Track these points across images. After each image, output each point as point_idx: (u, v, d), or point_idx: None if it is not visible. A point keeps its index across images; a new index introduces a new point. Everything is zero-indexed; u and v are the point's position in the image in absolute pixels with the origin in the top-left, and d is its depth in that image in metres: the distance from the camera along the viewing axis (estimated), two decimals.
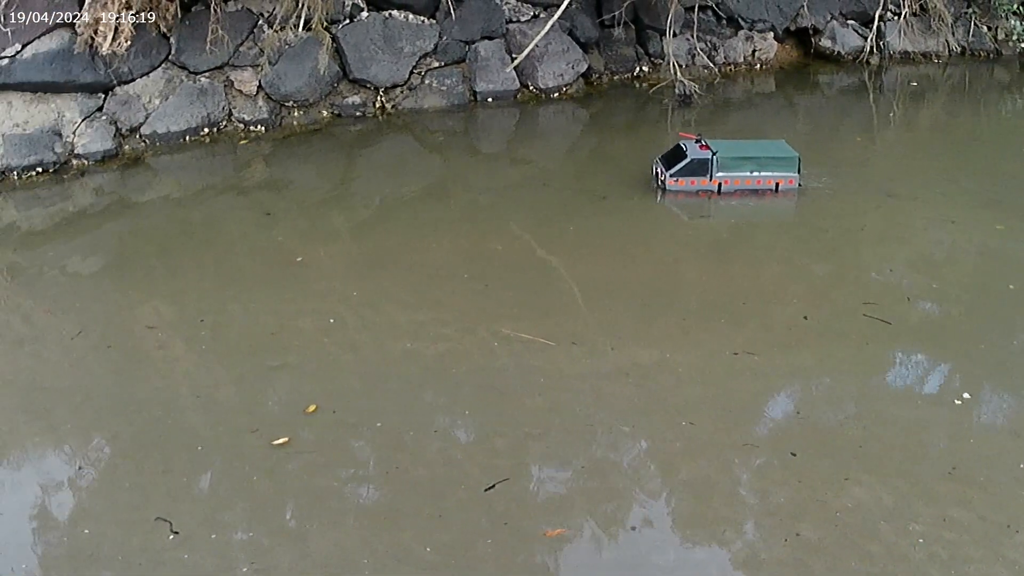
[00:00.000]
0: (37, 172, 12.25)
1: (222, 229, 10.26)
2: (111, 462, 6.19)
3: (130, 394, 6.88)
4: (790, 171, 10.07)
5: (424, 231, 9.61)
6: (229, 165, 12.66)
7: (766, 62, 15.17)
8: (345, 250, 9.42)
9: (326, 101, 13.46)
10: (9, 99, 12.39)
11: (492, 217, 10.04)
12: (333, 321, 7.73)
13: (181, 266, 9.11)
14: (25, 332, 7.97)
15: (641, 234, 9.53)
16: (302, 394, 6.70)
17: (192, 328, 7.82)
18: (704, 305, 7.84)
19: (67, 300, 8.52)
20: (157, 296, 8.45)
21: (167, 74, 13.05)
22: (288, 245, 9.40)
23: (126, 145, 12.80)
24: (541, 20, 14.04)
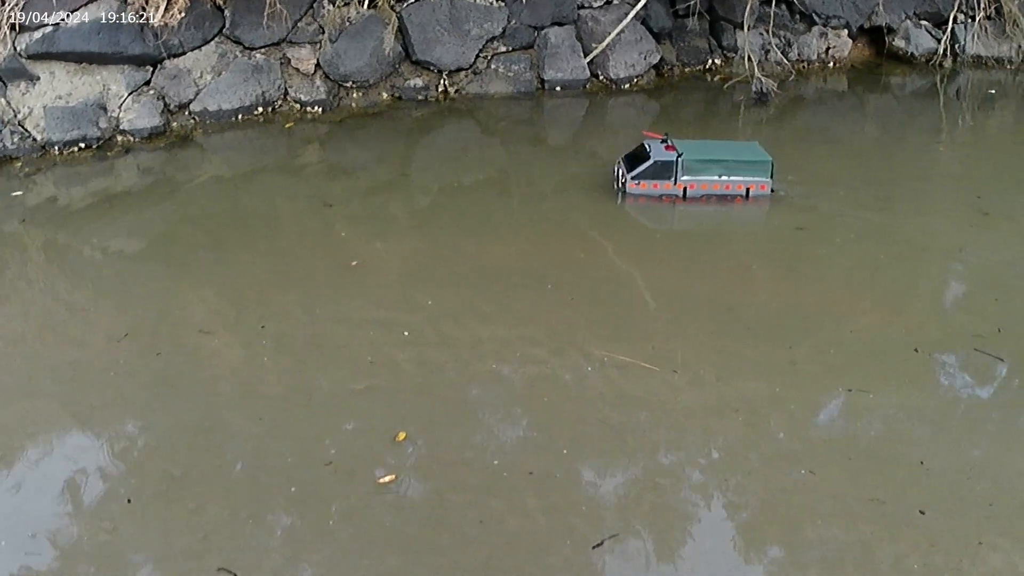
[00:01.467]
0: (80, 148, 10.71)
1: (277, 219, 9.02)
2: (164, 498, 5.12)
3: (184, 414, 5.84)
4: (762, 176, 8.69)
5: (496, 231, 8.46)
6: (283, 147, 11.16)
7: (839, 60, 13.60)
8: (410, 249, 8.14)
9: (387, 83, 11.87)
10: (52, 69, 10.82)
11: (568, 219, 8.71)
12: (408, 334, 6.58)
13: (233, 259, 8.00)
14: (67, 331, 6.91)
15: (726, 243, 8.27)
16: (382, 420, 5.68)
17: (251, 335, 6.67)
18: (808, 332, 6.67)
19: (110, 291, 7.48)
20: (209, 293, 7.40)
21: (220, 49, 11.43)
22: (350, 240, 8.30)
23: (174, 122, 11.25)
24: (613, 7, 12.42)
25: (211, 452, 5.44)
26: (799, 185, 9.19)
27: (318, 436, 5.53)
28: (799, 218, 8.52)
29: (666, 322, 6.72)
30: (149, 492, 5.14)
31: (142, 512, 5.01)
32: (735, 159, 8.69)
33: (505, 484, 5.16)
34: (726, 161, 8.67)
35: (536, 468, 5.27)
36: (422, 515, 4.94)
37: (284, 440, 5.51)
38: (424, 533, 4.85)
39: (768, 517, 4.95)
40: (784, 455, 5.42)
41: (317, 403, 5.85)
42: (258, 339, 6.57)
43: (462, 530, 4.86)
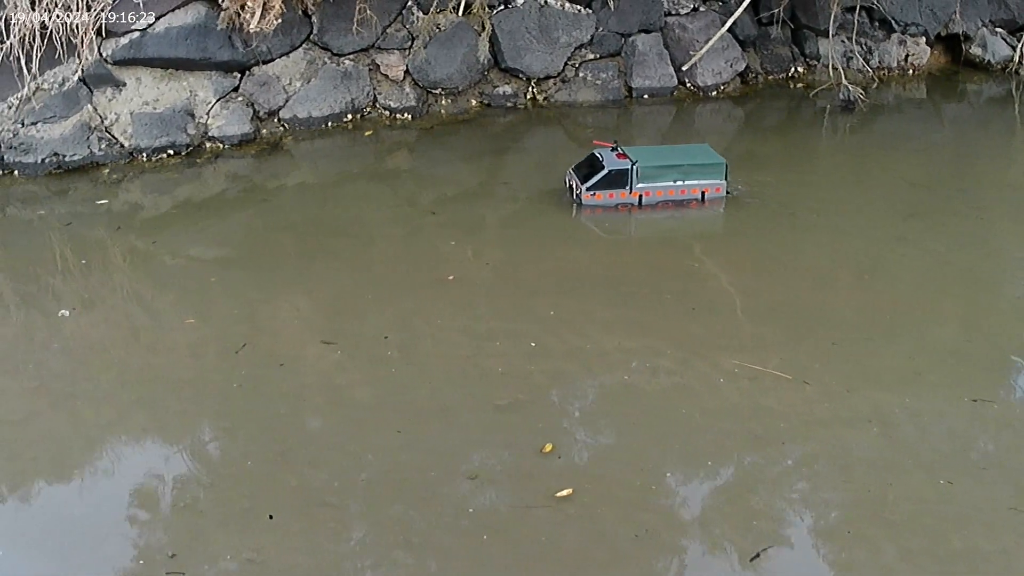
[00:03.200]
0: (168, 154, 9.66)
1: (368, 227, 8.26)
2: (307, 514, 4.67)
3: (318, 426, 5.42)
4: (716, 178, 8.10)
5: (597, 240, 7.89)
6: (372, 154, 10.18)
7: (918, 68, 12.50)
8: (518, 257, 7.55)
9: (475, 90, 10.83)
10: (139, 75, 9.84)
11: (669, 226, 8.15)
12: (535, 345, 6.06)
13: (329, 267, 7.36)
14: (180, 343, 6.35)
15: (842, 251, 7.62)
16: (522, 432, 5.23)
17: (376, 346, 6.13)
18: (926, 342, 6.27)
19: (211, 300, 6.89)
20: (315, 303, 6.86)
21: (308, 55, 10.41)
22: (459, 249, 7.69)
23: (263, 129, 10.19)
24: (700, 14, 11.36)
25: (351, 466, 4.97)
26: (890, 192, 8.58)
27: (459, 449, 5.09)
28: (900, 227, 7.93)
29: (783, 331, 6.31)
30: (291, 508, 4.70)
31: (285, 528, 4.57)
32: (689, 163, 8.05)
33: (654, 497, 4.83)
34: (681, 166, 8.03)
35: (683, 480, 4.94)
36: (575, 530, 4.54)
37: (424, 453, 5.05)
38: (579, 548, 4.47)
39: (914, 527, 4.65)
40: (921, 465, 5.10)
41: (453, 415, 5.37)
42: (383, 350, 6.03)
43: (617, 545, 4.50)
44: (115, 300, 7.46)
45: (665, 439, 5.21)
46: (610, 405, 5.53)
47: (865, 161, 8.85)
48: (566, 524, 4.55)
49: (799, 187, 8.99)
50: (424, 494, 4.73)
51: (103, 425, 5.48)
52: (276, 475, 4.92)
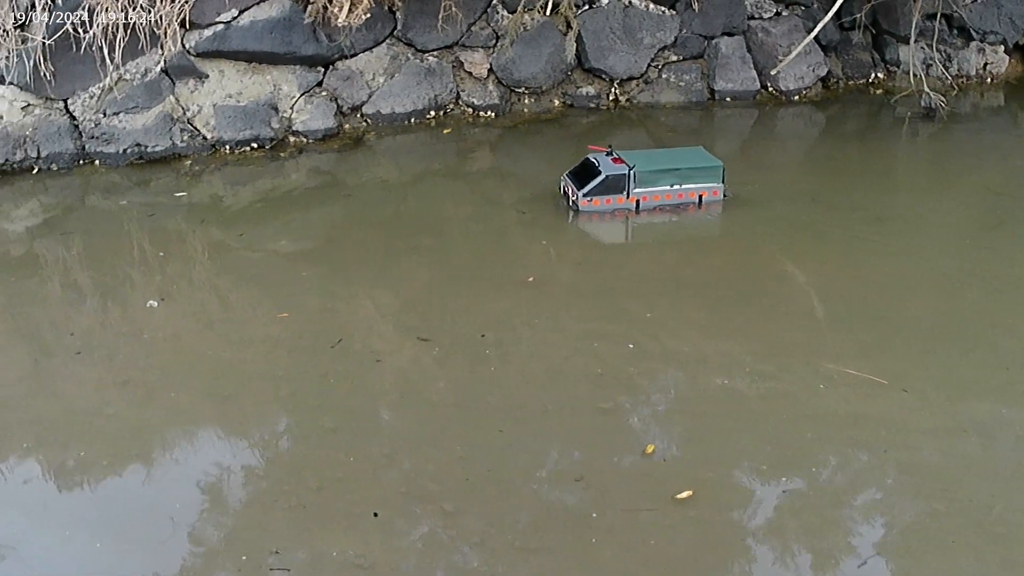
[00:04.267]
0: (252, 147, 9.15)
1: (460, 225, 7.76)
2: (412, 513, 4.38)
3: (418, 424, 5.05)
4: (714, 181, 7.59)
5: (684, 242, 7.36)
6: (454, 152, 9.63)
7: (996, 76, 11.88)
8: (605, 257, 7.16)
9: (558, 89, 10.26)
10: (222, 67, 9.32)
11: (758, 231, 7.45)
12: (633, 347, 5.69)
13: (424, 264, 6.95)
14: (274, 336, 6.01)
15: (929, 259, 7.08)
16: (623, 434, 4.92)
17: (473, 344, 5.75)
18: (1020, 352, 5.75)
19: (296, 294, 6.52)
20: (412, 299, 6.45)
21: (392, 51, 9.87)
22: (546, 248, 7.24)
23: (346, 124, 9.65)
24: (783, 18, 10.76)
25: (454, 464, 4.61)
26: (974, 200, 8.09)
27: (563, 450, 4.77)
28: (987, 237, 7.42)
29: (878, 337, 5.85)
30: (395, 506, 4.38)
31: (391, 527, 4.28)
32: (686, 167, 7.51)
33: (760, 503, 4.48)
34: (678, 169, 7.49)
35: (788, 487, 4.58)
36: (685, 535, 4.22)
37: (529, 454, 4.71)
38: (690, 554, 4.17)
39: (1021, 538, 4.30)
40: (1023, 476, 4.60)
41: (555, 416, 5.00)
42: (481, 348, 5.65)
43: (726, 551, 4.20)
44: (203, 292, 7.00)
45: (767, 444, 4.85)
46: (711, 409, 5.14)
47: (946, 169, 8.39)
48: (675, 528, 4.24)
49: (881, 193, 8.40)
50: (530, 496, 4.40)
51: (200, 420, 5.17)
52: (379, 473, 4.59)
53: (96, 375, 5.93)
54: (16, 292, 7.17)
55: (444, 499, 4.38)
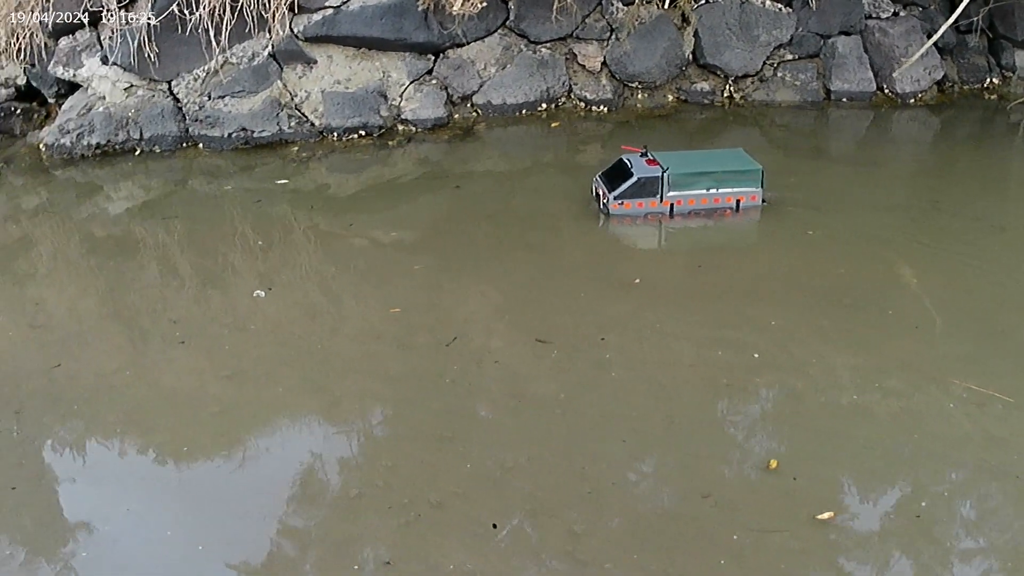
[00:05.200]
0: (360, 135, 8.57)
1: (571, 221, 7.19)
2: (534, 525, 4.00)
3: (538, 430, 4.63)
4: (752, 186, 6.94)
5: (799, 247, 6.61)
6: (564, 146, 9.02)
7: None
8: (725, 260, 6.47)
9: (672, 85, 9.62)
10: (330, 53, 8.74)
11: (878, 237, 6.78)
12: (758, 357, 5.18)
13: (536, 260, 6.47)
14: (389, 333, 5.61)
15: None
16: (749, 448, 4.47)
17: (593, 347, 5.27)
18: None
19: (416, 291, 6.06)
20: (526, 297, 5.98)
21: (504, 41, 9.28)
22: (661, 248, 6.84)
23: (456, 114, 9.03)
24: (901, 19, 10.10)
25: (576, 476, 4.21)
26: None
27: (688, 463, 4.34)
28: None
29: (1009, 356, 5.29)
30: (515, 519, 4.02)
31: (511, 540, 3.92)
32: (723, 169, 6.85)
33: (894, 528, 4.06)
34: (714, 172, 6.84)
35: (922, 512, 4.15)
36: (813, 559, 3.80)
37: (653, 466, 4.34)
38: None
39: None
40: None
41: (680, 427, 4.58)
42: (601, 352, 5.20)
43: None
44: (312, 283, 6.46)
45: (899, 466, 4.39)
46: (840, 426, 4.64)
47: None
48: (801, 553, 3.82)
49: (1003, 202, 7.77)
50: (655, 511, 4.03)
51: (308, 419, 4.81)
52: (499, 483, 4.19)
53: (200, 365, 5.44)
54: (118, 276, 6.70)
55: (566, 513, 4.00)
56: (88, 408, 5.12)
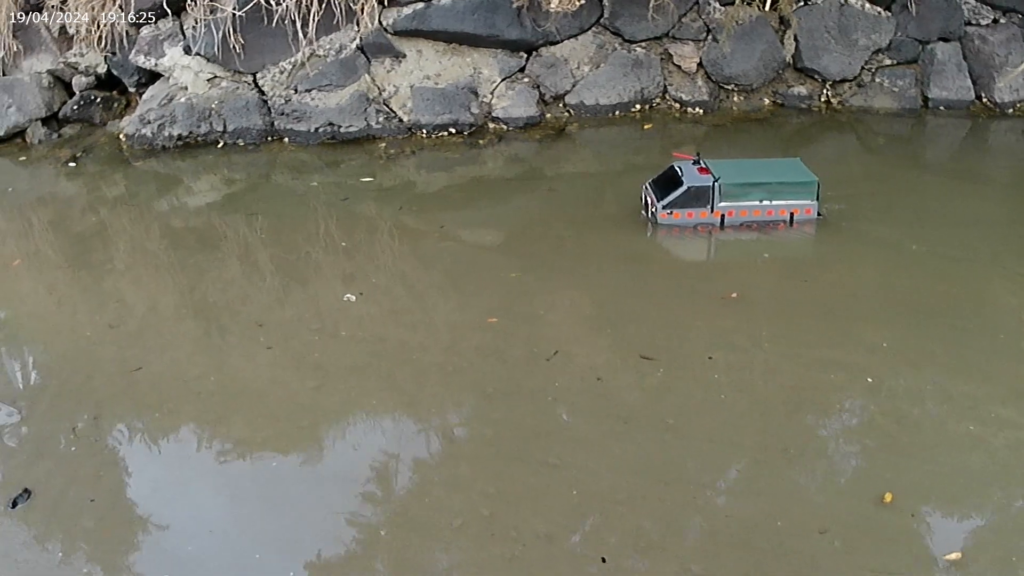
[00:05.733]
0: (450, 132, 8.16)
1: (668, 228, 6.72)
2: (645, 559, 3.65)
3: (644, 457, 4.31)
4: (807, 198, 6.49)
5: (899, 260, 6.17)
6: (657, 148, 8.55)
7: None
8: (826, 274, 6.08)
9: (769, 88, 9.18)
10: (419, 47, 8.33)
11: (989, 253, 6.33)
12: (871, 381, 4.81)
13: (633, 270, 6.16)
14: (484, 341, 5.29)
15: None
16: (863, 480, 4.09)
17: (700, 366, 4.96)
18: None
19: (513, 300, 5.76)
20: (626, 309, 5.61)
21: (597, 39, 8.85)
22: (766, 260, 6.33)
23: (548, 113, 8.62)
24: (1001, 26, 9.63)
25: (689, 508, 3.93)
26: None
27: (804, 496, 4.01)
28: None
29: None
30: (625, 554, 3.71)
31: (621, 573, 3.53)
32: (777, 181, 6.42)
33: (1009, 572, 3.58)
34: (768, 184, 6.41)
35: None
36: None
37: (768, 498, 3.96)
38: None
39: None
40: None
41: (795, 456, 4.25)
42: (708, 372, 4.87)
43: None
44: (404, 288, 6.09)
45: (1017, 501, 4.03)
46: (956, 458, 4.29)
47: None
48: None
49: None
50: (771, 547, 3.71)
51: (406, 439, 4.49)
52: (609, 513, 3.90)
53: (287, 374, 5.11)
54: (200, 274, 6.38)
55: (679, 548, 3.71)
56: (171, 416, 4.77)
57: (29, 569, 3.81)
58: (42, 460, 4.48)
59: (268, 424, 4.65)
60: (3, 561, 3.85)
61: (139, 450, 4.55)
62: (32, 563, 3.85)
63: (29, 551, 3.93)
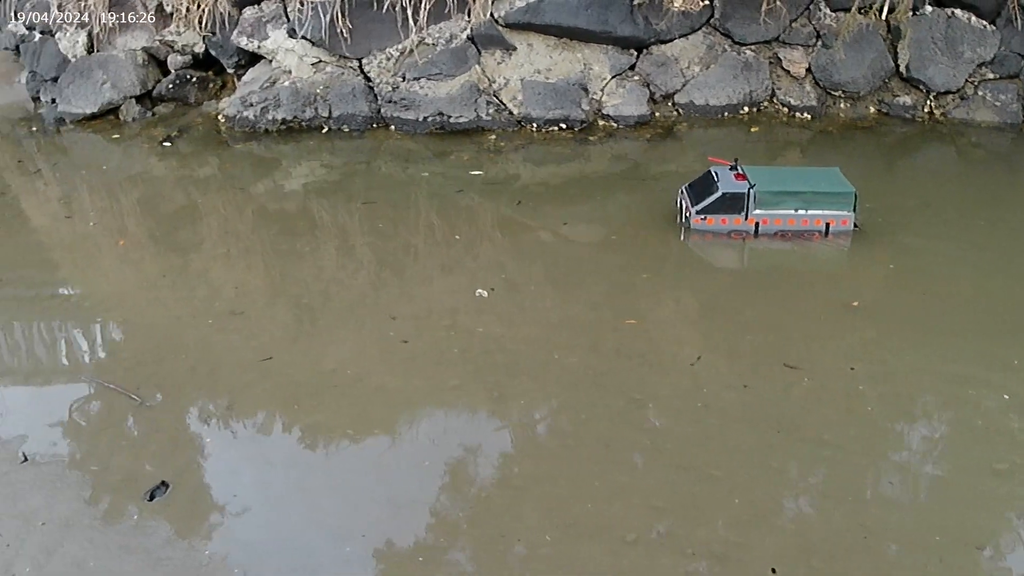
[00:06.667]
0: (560, 128, 7.92)
1: None
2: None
3: (802, 475, 4.05)
4: (844, 209, 6.25)
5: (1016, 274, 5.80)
6: (763, 151, 8.32)
7: None
8: (953, 287, 5.78)
9: (875, 96, 8.97)
10: (530, 41, 8.08)
11: None
12: (1008, 399, 4.58)
13: (742, 275, 6.00)
14: (624, 344, 5.07)
15: None
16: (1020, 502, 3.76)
17: (843, 379, 4.71)
18: None
19: (644, 300, 5.60)
20: (762, 317, 5.38)
21: (708, 40, 8.62)
22: (862, 265, 6.13)
23: (657, 112, 8.37)
24: None
25: (852, 521, 3.74)
26: None
27: (962, 512, 3.82)
28: None
29: None
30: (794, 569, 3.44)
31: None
32: (813, 190, 6.20)
33: None
34: (803, 193, 6.20)
35: None
36: None
37: (923, 520, 3.81)
38: None
39: None
40: None
41: (948, 476, 4.07)
42: (852, 383, 4.65)
43: None
44: (535, 286, 5.84)
45: None
46: None
47: None
48: None
49: None
50: (931, 562, 3.54)
51: (563, 446, 4.24)
52: (775, 527, 3.71)
53: (428, 370, 4.89)
54: (322, 262, 6.19)
55: (845, 564, 3.52)
56: (310, 409, 4.53)
57: (173, 568, 3.57)
58: (177, 452, 4.26)
59: (413, 423, 4.46)
60: (145, 558, 3.64)
61: (280, 444, 4.33)
62: (176, 562, 3.61)
63: (172, 548, 3.70)
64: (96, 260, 6.39)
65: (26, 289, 5.99)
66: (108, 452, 4.29)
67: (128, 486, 4.04)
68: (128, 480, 4.09)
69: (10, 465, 4.18)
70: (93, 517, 3.89)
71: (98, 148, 8.73)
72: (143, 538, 3.76)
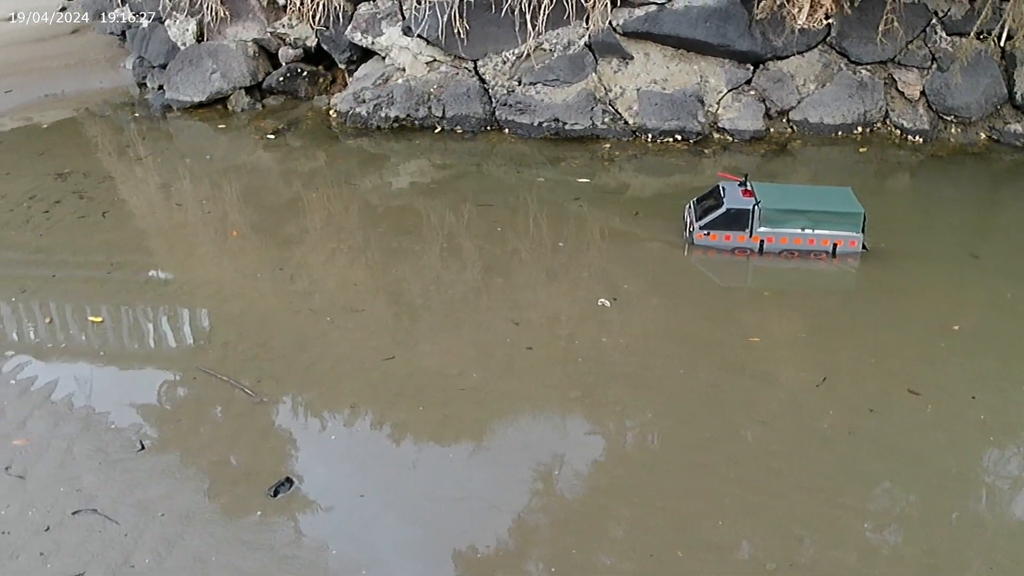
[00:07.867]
0: (675, 139, 7.68)
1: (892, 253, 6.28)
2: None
3: (928, 499, 3.92)
4: (851, 230, 6.05)
5: None
6: (874, 173, 8.22)
7: None
8: None
9: (985, 123, 8.71)
10: (647, 50, 7.86)
11: None
12: None
13: (849, 294, 5.83)
14: (752, 362, 4.97)
15: None
16: None
17: (963, 406, 4.59)
18: None
19: (771, 322, 5.34)
20: (892, 339, 5.22)
21: (824, 58, 8.38)
22: (951, 287, 5.91)
23: (771, 128, 8.13)
24: None
25: (981, 555, 3.61)
26: None
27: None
28: None
29: None
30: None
31: None
32: (821, 209, 5.97)
33: None
34: (810, 212, 5.98)
35: None
36: None
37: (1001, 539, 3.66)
38: None
39: None
40: None
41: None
42: (973, 412, 4.57)
43: None
44: (657, 299, 5.71)
45: None
46: None
47: None
48: None
49: None
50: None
51: (689, 461, 4.16)
52: (903, 553, 3.66)
53: (555, 378, 4.77)
54: (438, 263, 6.09)
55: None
56: (437, 412, 4.41)
57: (299, 567, 3.43)
58: (300, 448, 4.16)
59: (538, 433, 4.36)
60: (269, 555, 3.51)
61: (407, 447, 4.20)
62: (302, 561, 3.47)
63: (298, 547, 3.56)
64: (207, 249, 6.35)
65: (134, 273, 5.93)
66: (227, 445, 4.18)
67: (249, 480, 3.92)
68: (249, 474, 3.97)
69: (126, 452, 3.98)
70: (214, 511, 3.77)
71: (204, 137, 8.56)
72: (268, 534, 3.64)
